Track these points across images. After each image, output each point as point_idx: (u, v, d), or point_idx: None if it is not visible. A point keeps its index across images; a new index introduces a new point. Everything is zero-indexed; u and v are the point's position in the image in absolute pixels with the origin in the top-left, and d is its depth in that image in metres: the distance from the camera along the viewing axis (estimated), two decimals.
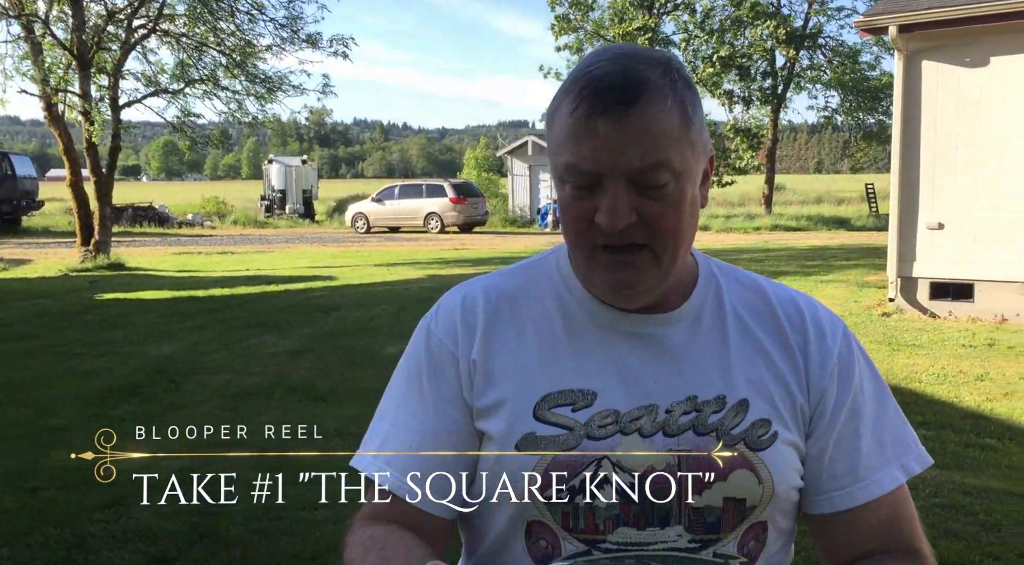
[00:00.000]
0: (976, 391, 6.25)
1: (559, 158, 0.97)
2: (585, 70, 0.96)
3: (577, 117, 0.94)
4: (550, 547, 0.99)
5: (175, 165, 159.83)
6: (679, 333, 1.04)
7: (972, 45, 8.96)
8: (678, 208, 0.96)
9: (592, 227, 0.96)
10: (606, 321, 1.04)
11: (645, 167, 0.93)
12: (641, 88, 0.93)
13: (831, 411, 1.03)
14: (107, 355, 7.86)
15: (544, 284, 1.08)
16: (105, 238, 16.00)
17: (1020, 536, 3.70)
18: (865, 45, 28.67)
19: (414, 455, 1.03)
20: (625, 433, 0.98)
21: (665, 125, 0.93)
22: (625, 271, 0.97)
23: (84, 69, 15.30)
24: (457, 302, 1.08)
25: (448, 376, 1.05)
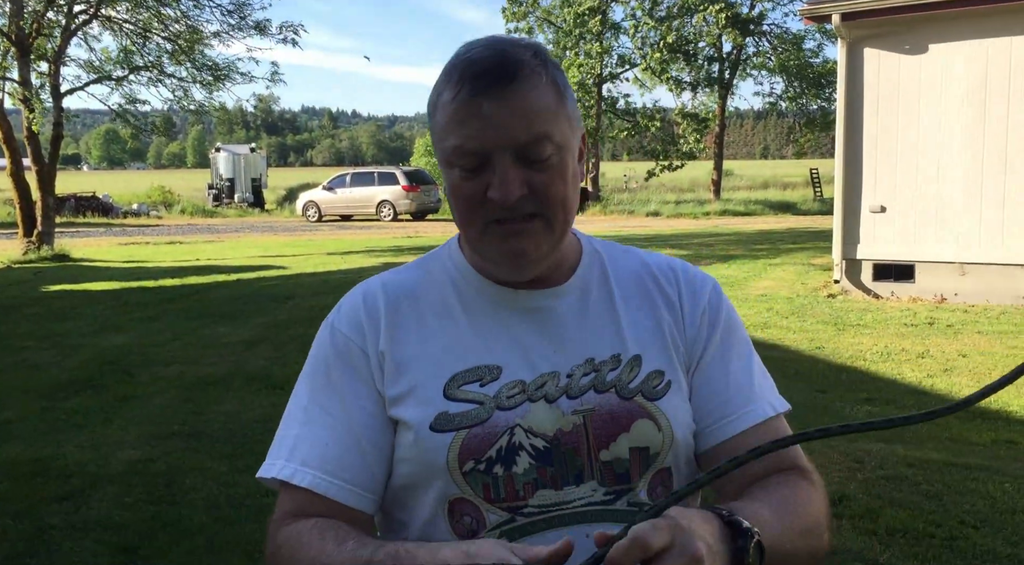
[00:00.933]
0: (918, 368, 6.49)
1: (446, 143, 1.01)
2: (462, 57, 1.01)
3: (460, 100, 0.98)
4: (474, 522, 1.02)
5: (117, 154, 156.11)
6: (570, 304, 1.10)
7: (912, 32, 9.21)
8: (563, 178, 1.02)
9: (484, 205, 1.00)
10: (502, 300, 1.09)
11: (530, 140, 0.98)
12: (517, 67, 0.98)
13: (702, 352, 1.11)
14: (56, 347, 7.73)
15: (439, 275, 1.13)
16: (48, 229, 15.63)
17: (960, 504, 3.88)
18: (809, 32, 29.16)
19: (329, 451, 1.04)
20: (532, 400, 1.03)
21: (543, 101, 0.99)
22: (520, 240, 1.01)
23: (24, 56, 14.89)
24: (359, 299, 1.13)
25: (359, 369, 1.07)
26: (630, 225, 22.64)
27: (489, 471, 1.01)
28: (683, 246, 16.28)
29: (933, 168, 9.24)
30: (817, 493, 1.06)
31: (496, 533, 1.01)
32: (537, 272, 1.06)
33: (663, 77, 29.00)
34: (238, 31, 16.56)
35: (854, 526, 3.67)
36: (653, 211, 26.85)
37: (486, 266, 1.09)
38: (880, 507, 3.85)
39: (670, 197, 30.43)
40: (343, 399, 1.07)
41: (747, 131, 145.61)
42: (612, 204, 28.30)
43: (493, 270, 1.08)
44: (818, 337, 7.68)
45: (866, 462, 4.45)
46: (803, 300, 9.63)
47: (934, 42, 9.15)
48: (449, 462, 1.01)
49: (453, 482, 1.02)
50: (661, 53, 28.14)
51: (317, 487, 1.03)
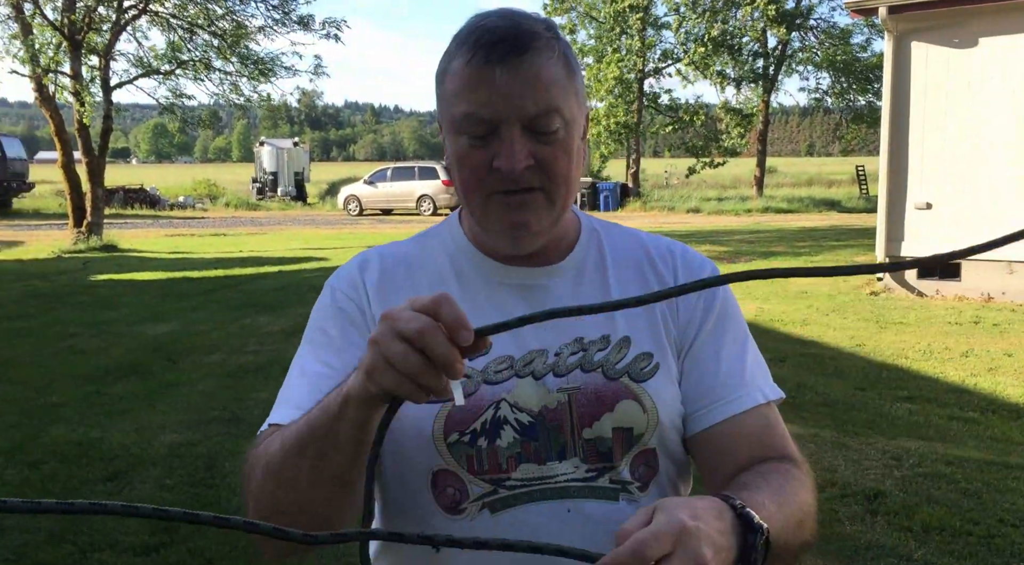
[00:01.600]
0: (961, 367, 6.37)
1: (455, 109, 1.00)
2: (476, 25, 1.01)
3: (473, 66, 0.98)
4: (457, 493, 1.02)
5: (165, 148, 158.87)
6: (564, 283, 1.10)
7: (961, 26, 9.02)
8: (568, 153, 1.02)
9: (490, 174, 1.00)
10: (496, 276, 1.10)
11: (539, 112, 0.98)
12: (531, 38, 0.99)
13: (694, 336, 1.10)
14: (103, 335, 7.91)
15: (438, 249, 1.14)
16: (97, 220, 15.99)
17: (999, 502, 3.81)
18: (857, 26, 28.65)
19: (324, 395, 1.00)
20: (520, 376, 1.04)
21: (555, 74, 1.00)
22: (522, 212, 1.01)
23: (75, 50, 15.23)
24: (354, 264, 1.15)
25: (357, 324, 1.08)
26: (670, 221, 22.49)
27: (473, 443, 1.02)
28: (723, 242, 16.14)
29: (981, 164, 9.05)
30: (808, 482, 1.04)
31: (479, 504, 1.02)
32: (536, 246, 1.06)
33: (707, 72, 28.72)
34: (282, 26, 16.79)
35: (889, 523, 3.63)
36: (694, 207, 26.62)
37: (484, 241, 1.10)
38: (917, 504, 3.80)
39: (711, 194, 30.12)
40: (340, 352, 1.07)
41: (792, 128, 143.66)
42: (652, 200, 28.12)
43: (492, 243, 1.08)
44: (859, 334, 7.57)
45: (904, 459, 4.39)
46: (844, 297, 9.50)
47: (984, 35, 8.95)
48: (434, 433, 1.02)
49: (437, 453, 1.02)
50: (705, 47, 27.86)
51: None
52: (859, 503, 3.84)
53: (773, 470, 1.02)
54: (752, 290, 10.15)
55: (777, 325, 8.13)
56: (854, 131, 30.93)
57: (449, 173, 1.07)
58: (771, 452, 1.06)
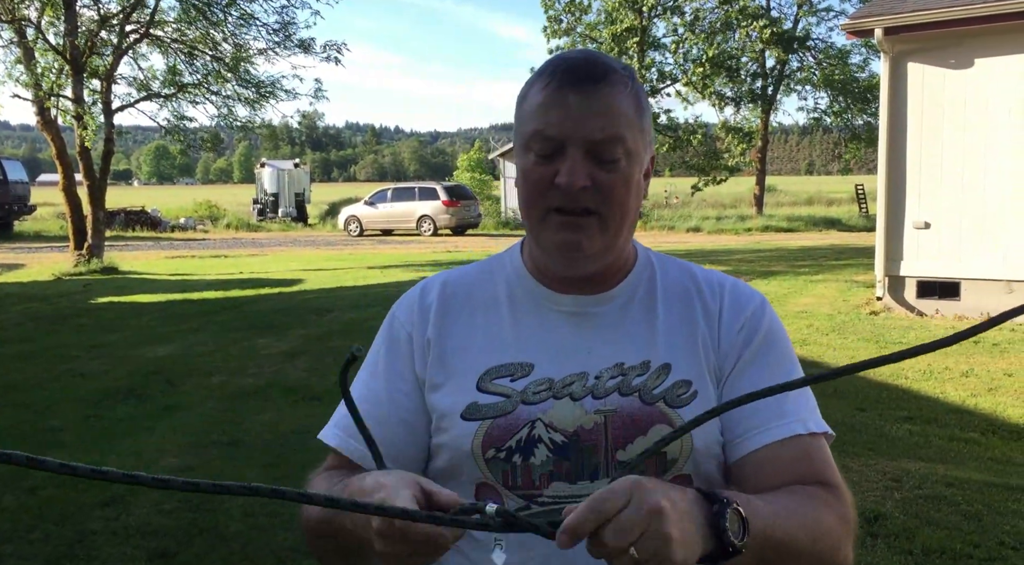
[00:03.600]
0: (961, 387, 6.36)
1: (527, 127, 1.08)
2: (559, 57, 1.11)
3: (550, 89, 1.06)
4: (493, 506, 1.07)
5: (166, 169, 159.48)
6: (612, 310, 1.14)
7: (957, 47, 9.08)
8: (627, 183, 1.07)
9: (550, 190, 1.06)
10: (548, 302, 1.15)
11: (604, 139, 1.04)
12: (607, 71, 1.07)
13: (733, 364, 1.12)
14: (103, 357, 7.91)
15: (497, 275, 1.20)
16: (98, 242, 16.02)
17: (1000, 525, 3.79)
18: (855, 47, 28.85)
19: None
20: (557, 398, 1.08)
21: (624, 107, 1.06)
22: (575, 233, 1.06)
23: (77, 73, 15.32)
24: (417, 289, 1.22)
25: (402, 352, 1.17)
26: (670, 240, 22.52)
27: (508, 459, 1.07)
28: (723, 261, 16.15)
29: (979, 184, 9.08)
30: (836, 504, 1.04)
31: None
32: (587, 269, 1.11)
33: (705, 92, 28.87)
34: (283, 49, 16.89)
35: (889, 546, 3.61)
36: (694, 227, 26.68)
37: (542, 266, 1.15)
38: (917, 526, 3.79)
39: (711, 213, 30.21)
40: (387, 381, 1.17)
41: (791, 147, 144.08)
42: (653, 219, 28.18)
43: (545, 262, 1.13)
44: (859, 354, 7.57)
45: (904, 481, 4.38)
46: (844, 317, 9.50)
47: (980, 56, 9.01)
48: (473, 449, 1.08)
49: (478, 468, 1.09)
50: (703, 68, 28.02)
51: (341, 447, 1.16)
52: (859, 526, 3.81)
53: (793, 490, 1.03)
54: None
55: None
56: (853, 150, 31.05)
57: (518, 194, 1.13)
58: (806, 479, 1.06)
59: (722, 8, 28.63)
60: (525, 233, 1.18)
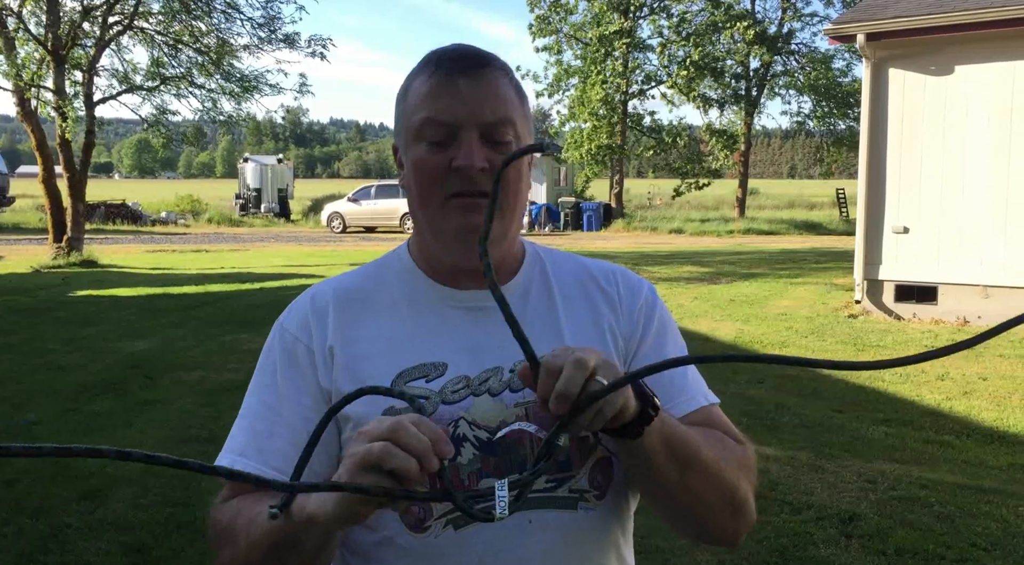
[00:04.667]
0: (936, 390, 6.44)
1: (414, 117, 1.07)
2: (437, 51, 1.11)
3: (438, 77, 1.06)
4: (422, 511, 1.05)
5: (148, 163, 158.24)
6: (512, 303, 1.11)
7: (937, 54, 9.18)
8: (519, 168, 1.09)
9: (447, 176, 1.06)
10: (447, 300, 1.14)
11: (496, 121, 1.06)
12: (489, 58, 1.10)
13: (637, 344, 1.17)
14: (81, 351, 7.86)
15: (389, 277, 1.17)
16: (78, 235, 15.89)
17: (972, 526, 3.85)
18: (838, 51, 29.03)
19: (264, 443, 1.08)
20: (476, 395, 1.08)
21: (510, 93, 1.09)
22: (476, 214, 1.05)
23: (59, 65, 15.19)
24: (307, 299, 1.17)
25: (302, 366, 1.11)
26: (652, 242, 22.61)
27: None
28: (705, 263, 16.24)
29: (957, 190, 9.18)
30: (740, 448, 1.13)
31: (443, 521, 1.05)
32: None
33: (690, 95, 28.98)
34: (268, 44, 16.82)
35: (863, 546, 3.65)
36: (677, 228, 26.79)
37: (435, 260, 1.14)
38: (891, 527, 3.83)
39: (694, 215, 30.34)
40: (284, 396, 1.11)
41: (774, 150, 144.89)
42: (636, 221, 28.27)
43: (443, 254, 1.11)
44: (837, 357, 7.64)
45: (879, 482, 4.43)
46: (823, 320, 9.58)
47: (960, 63, 9.11)
48: None
49: None
50: (688, 70, 28.14)
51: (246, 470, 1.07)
52: (834, 526, 3.87)
53: (705, 429, 1.11)
54: (732, 312, 10.21)
55: (756, 347, 8.18)
56: (835, 154, 31.27)
57: (406, 193, 1.12)
58: (721, 430, 1.15)
59: (708, 11, 28.77)
60: (413, 233, 1.19)
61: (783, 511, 4.03)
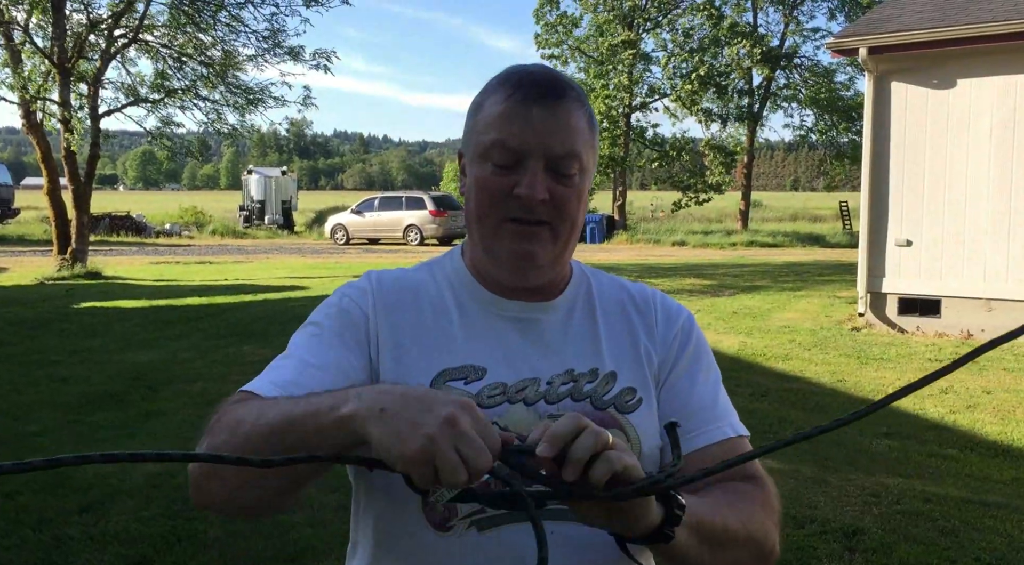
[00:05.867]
0: (940, 404, 6.42)
1: (485, 136, 1.09)
2: (518, 69, 1.12)
3: (514, 101, 1.08)
4: (447, 510, 1.06)
5: (152, 175, 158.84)
6: (556, 319, 1.17)
7: (940, 67, 9.20)
8: (580, 198, 1.11)
9: (507, 200, 1.08)
10: (494, 307, 1.16)
11: (563, 154, 1.08)
12: (567, 88, 1.11)
13: (670, 370, 1.19)
14: (84, 363, 7.86)
15: (441, 278, 1.20)
16: (82, 247, 15.93)
17: (976, 541, 3.83)
18: (840, 65, 29.11)
19: (302, 378, 1.05)
20: (511, 402, 1.10)
21: (581, 124, 1.10)
22: (530, 242, 1.09)
23: (64, 77, 15.27)
24: (367, 277, 1.21)
25: (357, 324, 1.13)
26: (655, 254, 22.61)
27: None
28: (708, 276, 16.23)
29: (960, 203, 9.18)
30: (761, 494, 1.12)
31: (467, 522, 1.06)
32: (538, 280, 1.14)
33: (693, 109, 29.06)
34: (272, 56, 16.89)
35: (867, 560, 3.64)
36: (679, 240, 26.79)
37: (487, 272, 1.16)
38: (895, 542, 3.82)
39: (697, 227, 30.35)
40: (332, 348, 1.10)
41: (777, 163, 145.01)
42: (639, 233, 28.29)
43: (496, 272, 1.14)
44: (840, 370, 7.62)
45: (883, 496, 4.41)
46: (826, 332, 9.57)
47: (962, 77, 9.13)
48: None
49: None
50: (692, 85, 28.21)
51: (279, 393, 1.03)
52: (838, 540, 3.85)
53: (726, 487, 1.10)
54: (735, 325, 10.20)
55: (759, 360, 8.17)
56: (838, 167, 31.30)
57: (464, 201, 1.14)
58: (736, 475, 1.13)
59: (711, 26, 28.87)
60: (467, 240, 1.20)
61: (786, 525, 4.01)
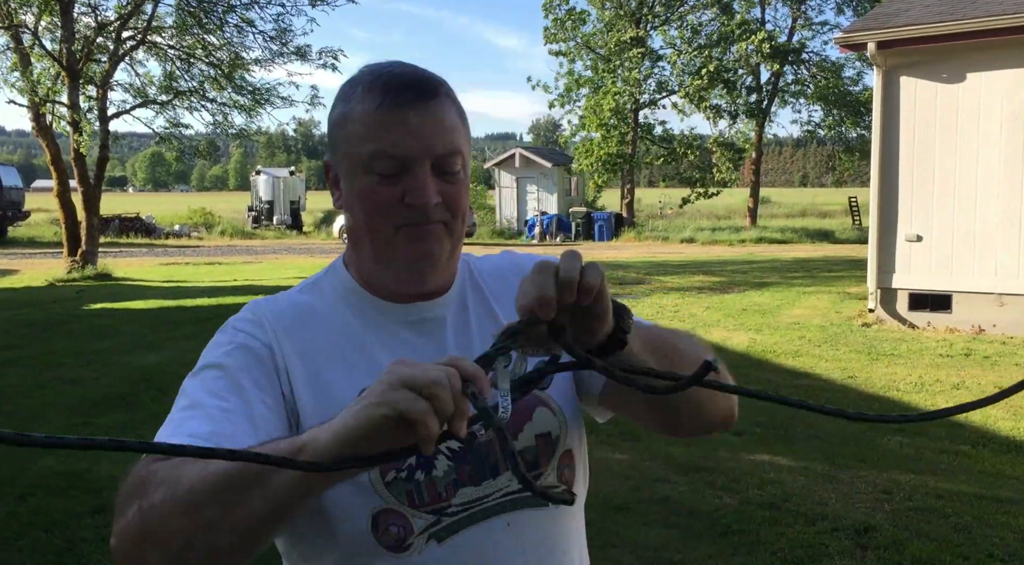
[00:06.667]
0: (952, 399, 6.37)
1: (362, 148, 1.04)
2: (381, 72, 1.07)
3: (386, 108, 1.03)
4: (402, 530, 1.04)
5: (161, 176, 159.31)
6: (455, 312, 1.16)
7: (949, 61, 9.14)
8: (466, 192, 1.10)
9: (398, 209, 1.05)
10: (395, 316, 1.13)
11: (446, 153, 1.05)
12: (437, 86, 1.07)
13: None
14: (93, 364, 7.89)
15: (331, 296, 1.15)
16: (92, 248, 15.99)
17: (989, 537, 3.80)
18: (848, 60, 28.99)
19: (222, 427, 0.96)
20: None
21: (456, 121, 1.08)
22: (427, 242, 1.06)
23: (73, 80, 15.32)
24: (258, 308, 1.13)
25: (263, 361, 1.06)
26: (664, 251, 22.56)
27: (411, 478, 1.04)
28: (717, 273, 16.18)
29: (970, 198, 9.12)
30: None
31: (424, 537, 1.04)
32: (436, 281, 1.11)
33: (701, 105, 28.98)
34: (279, 57, 16.91)
35: (879, 557, 3.62)
36: (688, 237, 26.72)
37: (381, 282, 1.12)
38: (907, 539, 3.80)
39: (705, 224, 30.27)
40: (242, 390, 1.02)
41: (786, 158, 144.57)
42: (647, 230, 28.24)
43: (392, 281, 1.11)
44: (850, 366, 7.59)
45: (895, 493, 4.39)
46: (836, 329, 9.52)
47: (972, 71, 9.07)
48: (371, 476, 1.03)
49: (377, 494, 1.03)
50: (701, 81, 28.14)
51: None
52: (849, 537, 3.83)
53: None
54: (745, 321, 10.17)
55: (769, 356, 8.14)
56: (847, 163, 31.18)
57: (345, 215, 1.10)
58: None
59: (720, 21, 28.80)
60: (349, 254, 1.16)
61: (797, 522, 4.00)
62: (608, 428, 5.59)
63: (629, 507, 4.27)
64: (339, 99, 1.10)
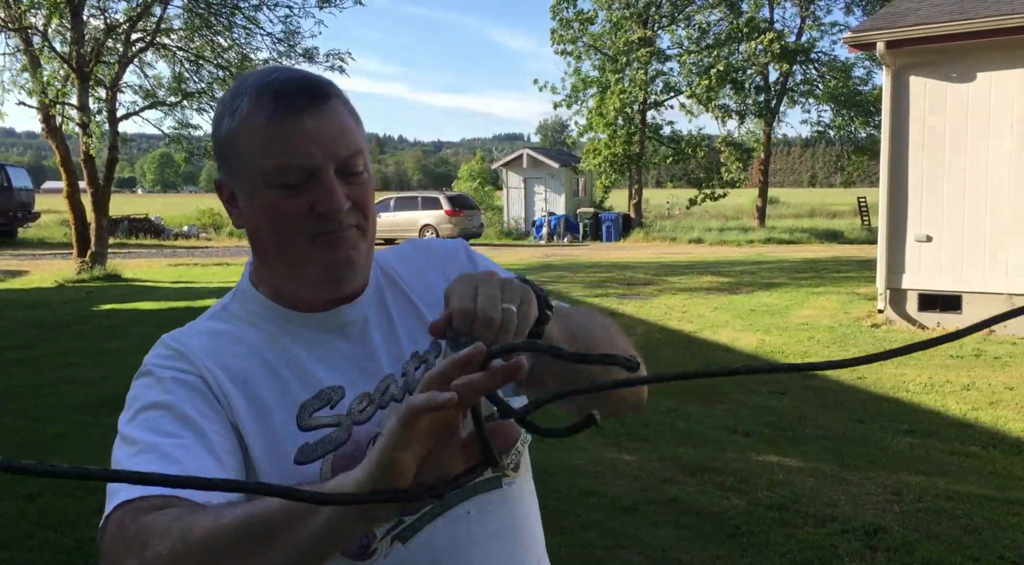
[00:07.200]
0: (962, 400, 6.34)
1: (262, 161, 1.00)
2: (267, 80, 1.02)
3: (279, 117, 0.99)
4: (363, 537, 1.02)
5: (170, 177, 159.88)
6: (374, 311, 1.13)
7: (959, 61, 9.10)
8: (372, 191, 1.08)
9: (308, 219, 1.01)
10: (317, 325, 1.09)
11: (349, 156, 1.02)
12: (327, 88, 1.04)
13: None
14: (103, 365, 7.92)
15: (244, 317, 1.11)
16: (101, 249, 16.05)
17: (1000, 539, 3.78)
18: (857, 59, 28.89)
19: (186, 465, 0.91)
20: (383, 407, 1.06)
21: (350, 120, 1.05)
22: (343, 249, 1.03)
23: (83, 82, 15.39)
24: (173, 341, 1.08)
25: (201, 391, 1.01)
26: (672, 252, 22.52)
27: None
28: (725, 273, 16.14)
29: (981, 197, 9.08)
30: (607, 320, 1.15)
31: (388, 540, 1.03)
32: (355, 283, 1.08)
33: (709, 106, 28.92)
34: (287, 58, 16.96)
35: (889, 559, 3.60)
36: (696, 238, 26.68)
37: (294, 294, 1.09)
38: (917, 540, 3.78)
39: (714, 224, 30.20)
40: (193, 423, 0.97)
41: (795, 159, 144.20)
42: (655, 230, 28.20)
43: (306, 291, 1.07)
44: (859, 367, 7.54)
45: (905, 494, 4.37)
46: (845, 329, 9.49)
47: (982, 70, 9.02)
48: None
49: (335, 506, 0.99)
50: (709, 81, 28.08)
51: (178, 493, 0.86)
52: (859, 539, 3.81)
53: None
54: (753, 322, 10.14)
55: (778, 357, 8.11)
56: (856, 163, 31.07)
57: (248, 233, 1.06)
58: None
59: (728, 21, 28.74)
60: (255, 271, 1.12)
61: (806, 524, 3.98)
62: (615, 429, 5.58)
63: (637, 508, 4.27)
64: (222, 114, 1.04)
